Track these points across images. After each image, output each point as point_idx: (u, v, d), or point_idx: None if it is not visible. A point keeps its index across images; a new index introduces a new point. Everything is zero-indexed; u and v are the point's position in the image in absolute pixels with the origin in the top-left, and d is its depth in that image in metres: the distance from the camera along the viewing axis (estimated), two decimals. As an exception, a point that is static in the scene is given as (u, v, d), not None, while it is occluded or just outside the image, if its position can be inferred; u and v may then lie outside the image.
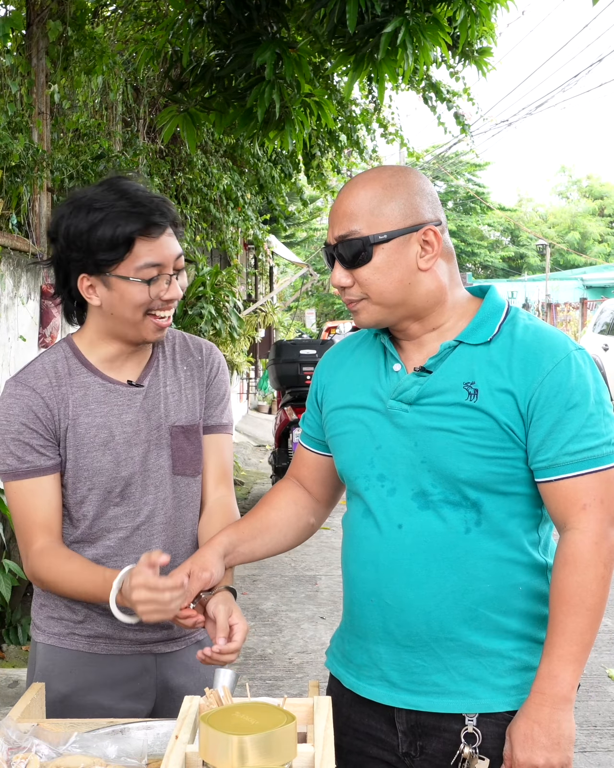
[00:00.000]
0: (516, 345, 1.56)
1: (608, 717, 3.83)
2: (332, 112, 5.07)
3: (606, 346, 12.84)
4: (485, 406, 1.53)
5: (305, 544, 6.58)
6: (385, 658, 1.61)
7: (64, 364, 1.81)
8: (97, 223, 1.70)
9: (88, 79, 5.68)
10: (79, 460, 1.78)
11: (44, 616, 1.87)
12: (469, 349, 1.58)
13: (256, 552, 1.75)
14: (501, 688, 1.57)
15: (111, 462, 1.79)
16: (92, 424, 1.79)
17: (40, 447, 1.76)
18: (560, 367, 1.52)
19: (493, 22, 5.11)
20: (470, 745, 1.56)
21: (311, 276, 15.90)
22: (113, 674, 1.84)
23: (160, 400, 1.85)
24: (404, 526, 1.57)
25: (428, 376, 1.58)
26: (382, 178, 1.57)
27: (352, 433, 1.65)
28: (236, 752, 1.20)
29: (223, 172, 8.72)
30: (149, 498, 1.83)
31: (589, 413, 1.52)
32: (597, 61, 15.68)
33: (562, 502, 1.53)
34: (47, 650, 1.85)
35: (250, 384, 15.83)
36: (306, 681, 4.14)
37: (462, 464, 1.53)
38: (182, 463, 1.86)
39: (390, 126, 9.07)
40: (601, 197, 40.31)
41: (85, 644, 1.84)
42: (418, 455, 1.57)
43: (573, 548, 1.51)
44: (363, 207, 1.55)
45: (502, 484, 1.55)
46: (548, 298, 27.29)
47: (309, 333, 20.77)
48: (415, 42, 4.06)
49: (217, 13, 4.52)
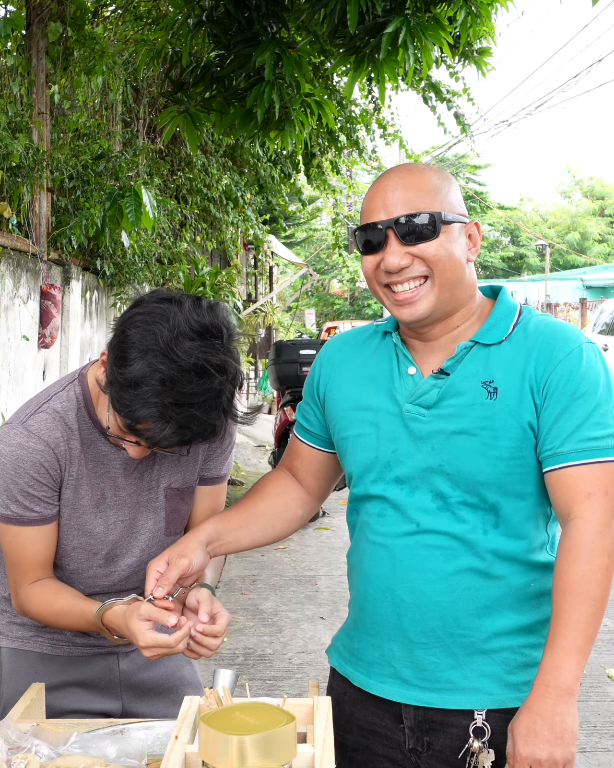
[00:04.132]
0: (530, 338, 1.58)
1: (608, 717, 3.83)
2: (332, 111, 5.07)
3: (605, 346, 12.85)
4: (505, 403, 1.54)
5: (305, 545, 6.61)
6: (398, 655, 1.61)
7: (74, 416, 1.71)
8: (134, 381, 1.47)
9: (88, 79, 5.68)
10: (72, 519, 1.74)
11: (5, 621, 1.86)
12: (484, 349, 1.59)
13: (241, 541, 1.72)
14: (512, 684, 1.58)
15: (101, 525, 1.75)
16: (89, 485, 1.73)
17: (47, 498, 1.70)
18: (571, 356, 1.54)
19: (493, 22, 5.10)
20: (479, 739, 1.57)
21: (311, 276, 15.90)
22: (78, 674, 1.84)
23: (155, 461, 1.77)
24: (422, 525, 1.58)
25: (446, 379, 1.58)
26: (434, 171, 1.62)
27: (367, 435, 1.65)
28: (236, 752, 1.20)
29: (223, 172, 8.73)
30: (133, 561, 1.80)
31: (597, 403, 1.53)
32: (597, 61, 15.69)
33: (566, 491, 1.52)
34: (11, 653, 1.85)
35: (249, 384, 15.84)
36: (306, 681, 4.14)
37: (482, 466, 1.54)
38: (176, 523, 1.83)
39: (389, 126, 9.07)
40: (602, 198, 40.33)
41: (48, 647, 1.84)
42: (435, 459, 1.57)
43: (578, 538, 1.50)
44: (432, 187, 1.57)
45: (519, 485, 1.56)
46: (548, 299, 27.29)
47: (309, 333, 20.76)
48: (416, 42, 4.06)
49: (216, 13, 4.52)
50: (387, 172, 1.64)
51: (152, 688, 1.91)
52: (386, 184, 1.58)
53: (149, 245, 6.49)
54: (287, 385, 8.01)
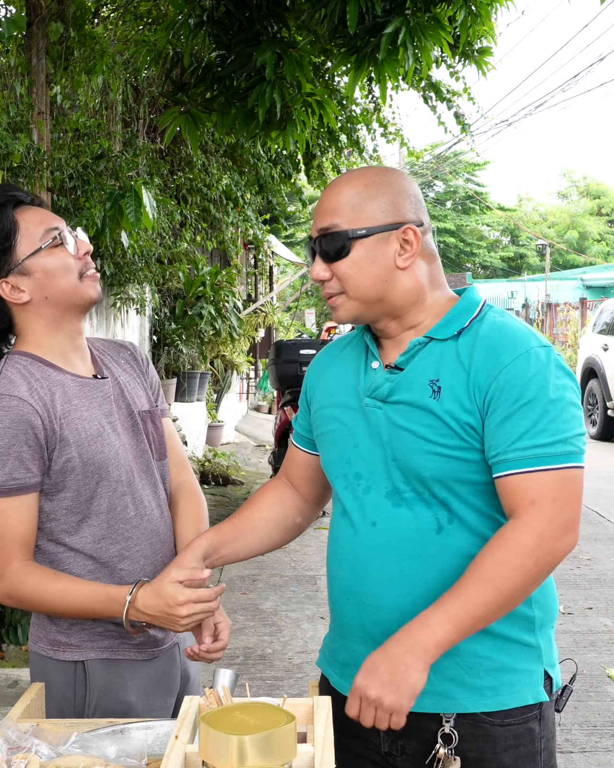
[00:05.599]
0: (479, 340, 1.55)
1: (608, 717, 3.83)
2: (334, 111, 5.07)
3: (605, 346, 12.83)
4: (446, 404, 1.53)
5: (305, 545, 6.60)
6: (364, 657, 1.59)
7: (32, 369, 1.76)
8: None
9: (88, 79, 5.67)
10: (83, 455, 1.75)
11: (85, 633, 1.79)
12: (439, 346, 1.58)
13: (239, 553, 1.75)
14: (477, 689, 1.56)
15: (110, 451, 1.78)
16: (82, 418, 1.76)
17: (28, 460, 1.70)
18: (518, 362, 1.50)
19: (493, 22, 5.09)
20: (446, 745, 1.55)
21: (311, 276, 15.88)
22: (157, 674, 1.85)
23: (123, 389, 1.87)
24: (378, 524, 1.58)
25: (399, 374, 1.59)
26: (367, 176, 1.59)
27: (333, 432, 1.67)
28: (236, 752, 1.20)
29: (223, 172, 8.72)
30: (146, 483, 1.85)
31: (544, 409, 1.48)
32: (598, 60, 15.69)
33: (511, 498, 1.49)
34: (103, 665, 1.79)
35: (249, 384, 15.84)
36: (306, 681, 4.14)
37: (426, 462, 1.54)
38: (156, 447, 1.89)
39: (390, 126, 9.07)
40: (598, 196, 40.32)
41: (136, 652, 1.82)
42: (389, 453, 1.58)
43: (511, 533, 1.46)
44: (346, 202, 1.57)
45: (470, 482, 1.55)
46: (548, 298, 27.27)
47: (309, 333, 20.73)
48: (416, 42, 4.06)
49: (217, 13, 4.52)
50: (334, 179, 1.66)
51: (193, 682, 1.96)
52: (323, 194, 1.62)
53: (149, 245, 6.48)
54: (287, 384, 8.02)
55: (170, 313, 8.97)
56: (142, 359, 1.99)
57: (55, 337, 1.80)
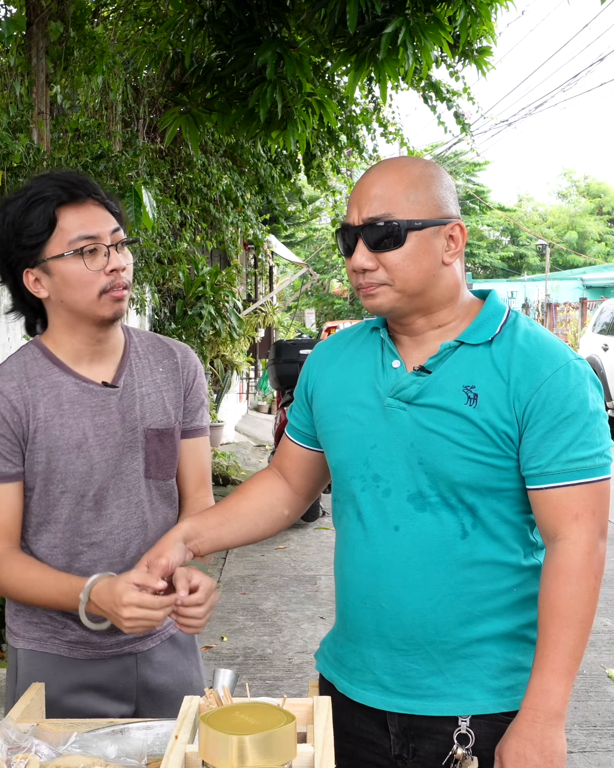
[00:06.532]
0: (516, 350, 1.54)
1: (608, 717, 3.83)
2: (334, 110, 5.07)
3: (605, 346, 12.83)
4: (483, 412, 1.51)
5: (305, 545, 6.61)
6: (379, 662, 1.60)
7: (34, 365, 1.76)
8: (26, 209, 1.70)
9: (88, 79, 5.67)
10: (52, 462, 1.73)
11: (22, 621, 1.83)
12: (470, 351, 1.56)
13: (223, 539, 1.71)
14: (495, 689, 1.56)
15: (84, 465, 1.75)
16: (65, 425, 1.74)
17: (6, 453, 1.71)
18: (558, 374, 1.50)
19: (493, 22, 5.10)
20: (463, 746, 1.55)
21: (311, 276, 15.90)
22: (95, 677, 1.82)
23: (136, 401, 1.81)
24: (400, 529, 1.56)
25: (427, 377, 1.56)
26: (417, 166, 1.56)
27: (347, 431, 1.63)
28: (236, 752, 1.20)
29: (223, 172, 8.73)
30: (122, 502, 1.80)
31: (585, 423, 1.49)
32: (598, 60, 15.69)
33: (553, 512, 1.50)
34: (28, 655, 1.82)
35: (249, 384, 15.84)
36: (306, 681, 4.14)
37: (459, 468, 1.52)
38: (155, 467, 1.84)
39: (390, 125, 9.07)
40: (598, 196, 40.33)
41: (66, 649, 1.82)
42: (415, 456, 1.55)
43: (566, 559, 1.49)
44: (400, 192, 1.52)
45: (498, 489, 1.54)
46: (548, 298, 27.29)
47: (309, 333, 20.76)
48: (416, 42, 4.06)
49: (217, 13, 4.52)
50: (374, 166, 1.61)
51: (165, 693, 1.89)
52: (364, 181, 1.57)
53: (149, 245, 6.48)
54: (287, 384, 8.02)
55: (170, 313, 8.97)
56: (188, 371, 1.90)
57: (71, 337, 1.78)
